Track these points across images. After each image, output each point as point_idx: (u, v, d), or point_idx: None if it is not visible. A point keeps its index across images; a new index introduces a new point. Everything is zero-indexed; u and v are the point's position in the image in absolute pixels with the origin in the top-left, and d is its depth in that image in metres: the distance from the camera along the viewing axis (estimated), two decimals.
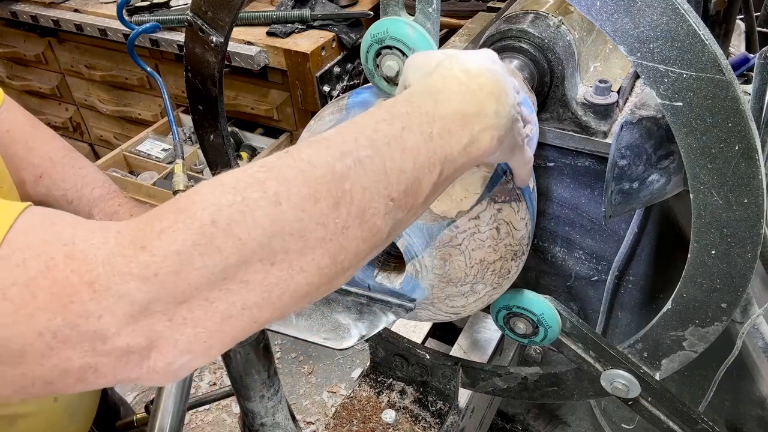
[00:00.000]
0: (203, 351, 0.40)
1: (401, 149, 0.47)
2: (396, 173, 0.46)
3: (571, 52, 0.97)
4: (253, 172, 0.42)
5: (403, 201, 0.47)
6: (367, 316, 0.73)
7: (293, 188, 0.41)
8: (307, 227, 0.41)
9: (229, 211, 0.39)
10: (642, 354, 0.78)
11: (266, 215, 0.40)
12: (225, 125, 0.98)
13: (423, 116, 0.49)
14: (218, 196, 0.40)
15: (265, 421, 0.82)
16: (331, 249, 0.43)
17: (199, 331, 0.39)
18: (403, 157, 0.46)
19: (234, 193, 0.40)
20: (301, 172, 0.42)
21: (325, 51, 2.02)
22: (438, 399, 1.08)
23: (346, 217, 0.43)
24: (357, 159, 0.44)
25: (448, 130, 0.49)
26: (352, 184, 0.44)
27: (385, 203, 0.45)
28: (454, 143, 0.50)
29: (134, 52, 1.25)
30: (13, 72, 2.89)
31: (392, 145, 0.46)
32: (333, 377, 2.19)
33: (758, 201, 0.59)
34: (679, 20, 0.55)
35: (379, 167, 0.45)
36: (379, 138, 0.46)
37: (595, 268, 1.18)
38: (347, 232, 0.43)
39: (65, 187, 0.84)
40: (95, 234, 0.38)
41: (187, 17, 0.86)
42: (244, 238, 0.39)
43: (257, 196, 0.40)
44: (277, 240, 0.40)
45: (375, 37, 0.67)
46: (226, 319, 0.39)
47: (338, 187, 0.43)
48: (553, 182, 1.11)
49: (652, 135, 0.76)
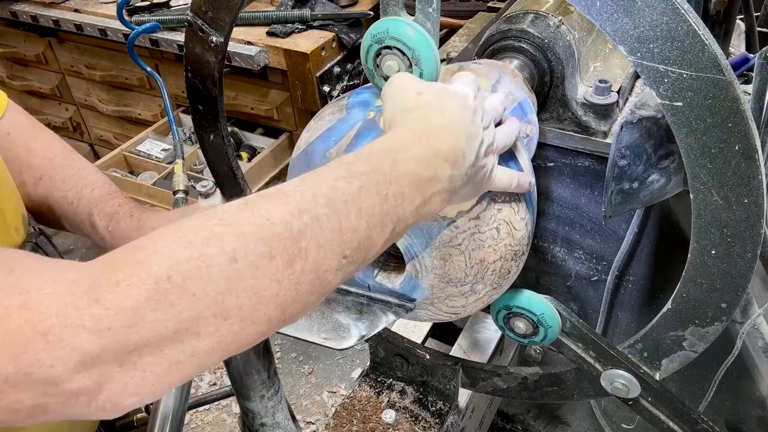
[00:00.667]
0: (151, 392, 0.41)
1: (357, 209, 0.48)
2: (350, 232, 0.48)
3: (571, 52, 0.97)
4: (212, 225, 0.43)
5: (355, 257, 0.49)
6: (367, 316, 0.73)
7: (250, 245, 0.42)
8: (262, 284, 0.42)
9: (185, 267, 0.40)
10: (642, 354, 0.78)
11: (222, 272, 0.41)
12: (225, 125, 0.98)
13: (380, 177, 0.51)
14: (175, 250, 0.40)
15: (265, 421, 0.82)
16: (283, 303, 0.44)
17: (148, 375, 0.40)
18: (358, 217, 0.48)
19: (191, 248, 0.41)
20: (259, 228, 0.43)
21: (325, 51, 2.02)
22: (438, 399, 1.08)
23: (300, 274, 0.44)
24: (314, 216, 0.46)
25: (402, 193, 0.51)
26: (308, 241, 0.45)
27: (338, 260, 0.47)
28: (407, 205, 0.52)
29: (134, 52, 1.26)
30: (13, 72, 2.89)
31: (349, 205, 0.48)
32: (333, 377, 2.19)
33: (758, 201, 0.59)
34: (679, 20, 0.55)
35: (335, 226, 0.47)
36: (337, 197, 0.48)
37: (595, 268, 1.18)
38: (300, 287, 0.45)
39: (65, 188, 0.84)
40: (51, 283, 0.39)
41: (187, 17, 0.86)
42: (198, 295, 0.40)
43: (214, 252, 0.41)
44: (231, 297, 0.41)
45: (375, 37, 0.67)
46: (175, 364, 0.40)
47: (294, 245, 0.44)
48: (553, 182, 1.11)
49: (652, 135, 0.76)
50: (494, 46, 1.00)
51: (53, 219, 0.86)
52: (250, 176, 2.14)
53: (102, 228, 0.81)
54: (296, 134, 2.30)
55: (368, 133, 0.68)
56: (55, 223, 0.87)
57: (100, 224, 0.81)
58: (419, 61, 0.65)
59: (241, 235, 0.43)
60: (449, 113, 0.59)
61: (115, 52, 2.48)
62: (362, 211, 0.49)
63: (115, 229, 0.80)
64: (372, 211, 0.49)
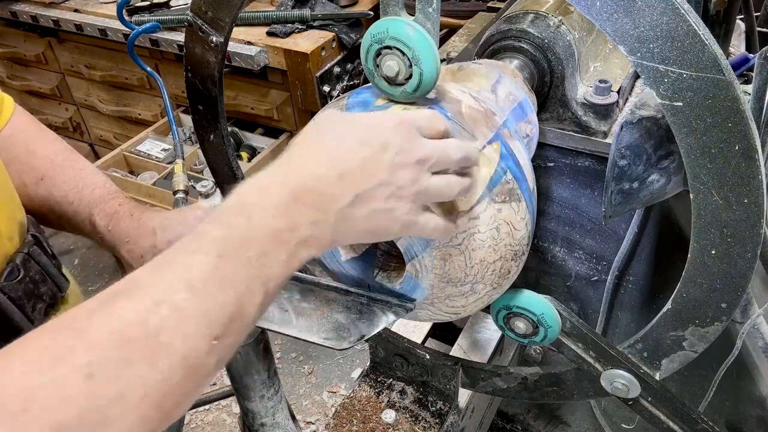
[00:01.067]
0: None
1: (220, 282, 0.45)
2: (217, 309, 0.44)
3: (571, 52, 0.97)
4: (65, 338, 0.40)
5: (229, 331, 0.45)
6: (367, 316, 0.73)
7: (105, 354, 0.40)
8: (125, 392, 0.40)
9: (40, 395, 0.37)
10: (642, 354, 0.78)
11: (80, 392, 0.38)
12: (225, 125, 0.98)
13: (237, 239, 0.47)
14: (29, 375, 0.38)
15: (265, 421, 0.82)
16: (156, 400, 0.41)
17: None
18: (222, 290, 0.45)
19: (44, 372, 0.38)
20: (112, 334, 0.41)
21: (325, 51, 2.02)
22: (438, 399, 1.08)
23: (167, 370, 0.42)
24: (173, 306, 0.42)
25: (264, 251, 0.48)
26: (171, 335, 0.42)
27: (208, 343, 0.44)
28: (273, 263, 0.48)
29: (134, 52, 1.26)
30: (13, 72, 2.89)
31: (210, 281, 0.44)
32: (333, 377, 2.19)
33: (758, 201, 0.59)
34: (679, 20, 0.55)
35: (198, 309, 0.43)
36: (195, 275, 0.44)
37: (595, 268, 1.18)
38: (171, 381, 0.42)
39: (66, 188, 0.84)
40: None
41: (187, 17, 0.86)
42: (59, 419, 0.37)
43: (67, 371, 0.38)
44: (92, 414, 0.39)
45: (375, 37, 0.67)
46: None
47: (154, 343, 0.41)
48: (553, 182, 1.11)
49: (652, 135, 0.76)
50: (494, 46, 1.00)
51: (53, 219, 0.86)
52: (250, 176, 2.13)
53: (102, 227, 0.81)
54: (296, 134, 2.30)
55: None
56: (55, 224, 0.87)
57: (101, 224, 0.81)
58: (419, 61, 0.66)
59: (94, 346, 0.40)
60: (328, 146, 0.55)
61: (115, 52, 2.48)
62: (226, 282, 0.45)
63: (115, 228, 0.81)
64: (236, 279, 0.45)
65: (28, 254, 0.74)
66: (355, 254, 0.79)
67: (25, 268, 0.72)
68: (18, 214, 0.77)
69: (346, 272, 0.79)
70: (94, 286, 2.63)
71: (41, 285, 0.75)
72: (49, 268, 0.77)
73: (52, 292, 0.77)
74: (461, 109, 0.71)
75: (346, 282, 0.79)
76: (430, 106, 0.70)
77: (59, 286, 0.79)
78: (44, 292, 0.75)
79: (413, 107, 0.69)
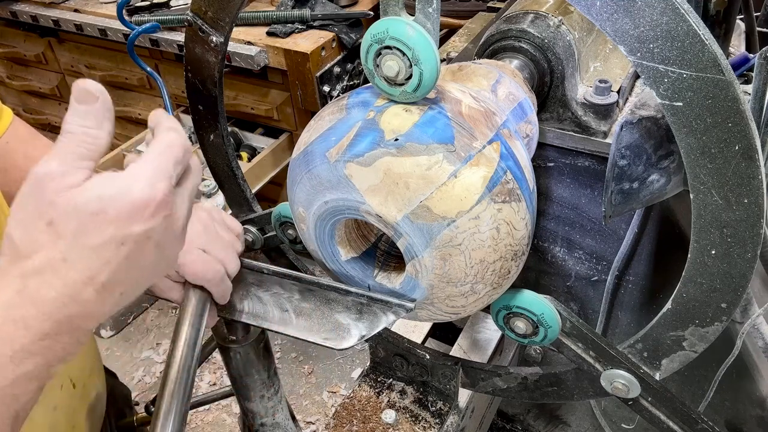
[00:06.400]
0: None
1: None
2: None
3: (571, 52, 0.97)
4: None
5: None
6: (367, 316, 0.73)
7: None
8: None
9: None
10: (642, 354, 0.78)
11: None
12: (225, 125, 0.98)
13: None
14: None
15: (265, 421, 0.82)
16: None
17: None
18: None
19: None
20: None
21: (325, 51, 2.02)
22: (438, 399, 1.08)
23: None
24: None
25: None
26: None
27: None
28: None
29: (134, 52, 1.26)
30: (13, 72, 2.89)
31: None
32: (333, 377, 2.19)
33: (758, 201, 0.59)
34: (679, 20, 0.55)
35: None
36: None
37: (595, 268, 1.18)
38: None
39: None
40: None
41: (187, 17, 0.86)
42: None
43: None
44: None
45: (375, 37, 0.67)
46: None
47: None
48: (553, 182, 1.11)
49: (652, 135, 0.76)
50: (494, 46, 1.00)
51: None
52: (250, 176, 2.14)
53: None
54: (296, 134, 2.30)
55: (368, 133, 0.69)
56: None
57: None
58: (419, 61, 0.66)
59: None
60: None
61: (115, 52, 2.48)
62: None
63: None
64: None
65: None
66: (355, 254, 0.79)
67: None
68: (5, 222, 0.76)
69: (346, 272, 0.79)
70: None
71: None
72: None
73: None
74: (461, 109, 0.71)
75: (346, 282, 0.79)
76: (430, 105, 0.70)
77: None
78: None
79: None
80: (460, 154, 0.67)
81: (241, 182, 1.04)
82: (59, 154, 0.43)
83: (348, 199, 0.70)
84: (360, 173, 0.68)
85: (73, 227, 0.42)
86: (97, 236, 0.43)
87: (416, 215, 0.67)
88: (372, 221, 0.70)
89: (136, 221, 0.44)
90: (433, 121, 0.68)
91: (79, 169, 0.43)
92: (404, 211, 0.67)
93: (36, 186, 0.43)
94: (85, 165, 0.44)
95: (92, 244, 0.43)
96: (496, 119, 0.74)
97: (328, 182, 0.71)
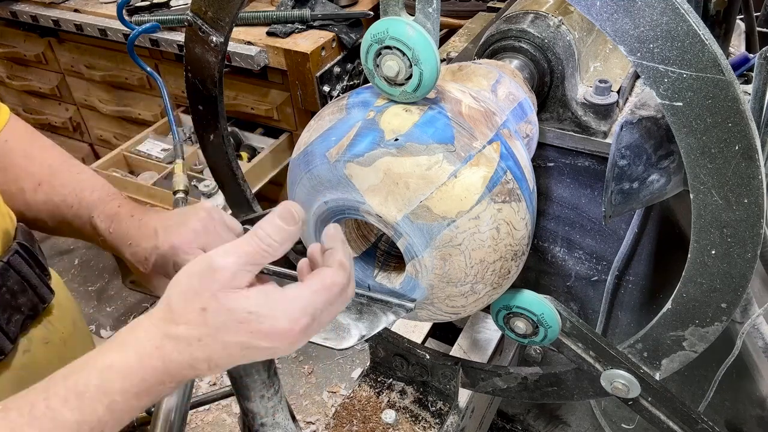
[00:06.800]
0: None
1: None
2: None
3: (571, 52, 0.98)
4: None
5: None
6: (367, 316, 0.73)
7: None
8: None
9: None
10: (642, 354, 0.78)
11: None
12: (225, 125, 0.98)
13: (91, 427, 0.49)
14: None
15: (265, 421, 0.82)
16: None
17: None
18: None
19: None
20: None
21: (325, 51, 2.02)
22: (438, 399, 1.08)
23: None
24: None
25: None
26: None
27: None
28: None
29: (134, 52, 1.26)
30: (13, 72, 2.89)
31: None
32: (333, 377, 2.19)
33: (758, 201, 0.59)
34: (679, 20, 0.55)
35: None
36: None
37: (595, 268, 1.19)
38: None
39: (65, 192, 0.84)
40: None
41: (187, 17, 0.86)
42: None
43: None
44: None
45: (375, 37, 0.67)
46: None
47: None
48: (553, 182, 1.11)
49: (652, 135, 0.76)
50: (494, 46, 1.00)
51: (54, 225, 0.85)
52: (250, 176, 2.14)
53: (103, 230, 0.81)
54: (296, 134, 2.30)
55: (368, 133, 0.69)
56: (55, 230, 0.86)
57: (101, 226, 0.81)
58: (419, 61, 0.66)
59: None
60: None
61: (115, 52, 2.48)
62: None
63: (117, 230, 0.80)
64: None
65: (8, 264, 0.73)
66: (355, 254, 0.79)
67: (2, 278, 0.71)
68: (2, 222, 0.76)
69: None
70: (94, 285, 2.63)
71: (20, 296, 0.74)
72: (31, 278, 0.76)
73: (33, 303, 0.76)
74: (461, 109, 0.71)
75: None
76: (430, 105, 0.70)
77: (41, 297, 0.78)
78: (23, 303, 0.74)
79: None
80: (460, 154, 0.67)
81: (241, 182, 1.04)
82: (239, 253, 0.51)
83: (348, 199, 0.70)
84: (360, 173, 0.68)
85: (219, 323, 0.51)
86: (233, 337, 0.51)
87: (416, 215, 0.67)
88: (372, 221, 0.70)
89: (267, 341, 0.52)
90: (433, 121, 0.68)
91: (247, 273, 0.52)
92: (404, 211, 0.67)
93: (208, 272, 0.51)
94: (253, 270, 0.52)
95: (225, 341, 0.51)
96: (496, 119, 0.74)
97: (328, 182, 0.71)
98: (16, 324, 0.73)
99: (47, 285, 0.80)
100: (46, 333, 0.80)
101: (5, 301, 0.72)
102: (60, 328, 0.82)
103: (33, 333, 0.78)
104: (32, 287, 0.76)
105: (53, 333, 0.81)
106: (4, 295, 0.72)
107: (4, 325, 0.71)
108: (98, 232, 0.82)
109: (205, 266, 0.52)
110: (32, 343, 0.77)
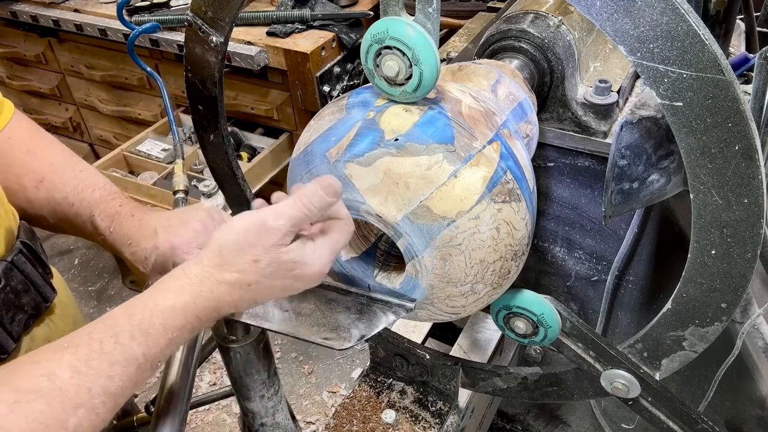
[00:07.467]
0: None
1: (133, 382, 0.58)
2: (122, 398, 0.57)
3: (571, 52, 0.98)
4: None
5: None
6: (367, 316, 0.73)
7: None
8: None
9: None
10: (642, 354, 0.78)
11: None
12: (225, 125, 0.98)
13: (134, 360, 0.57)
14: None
15: (265, 421, 0.82)
16: None
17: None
18: (127, 382, 0.57)
19: None
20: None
21: (325, 51, 2.02)
22: (438, 399, 1.08)
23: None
24: (90, 408, 0.54)
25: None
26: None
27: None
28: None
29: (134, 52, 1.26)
30: (13, 72, 2.89)
31: (126, 387, 0.57)
32: (333, 377, 2.19)
33: (758, 201, 0.59)
34: (679, 20, 0.55)
35: (111, 406, 0.56)
36: (113, 386, 0.56)
37: (595, 268, 1.19)
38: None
39: (66, 190, 0.84)
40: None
41: (187, 17, 0.86)
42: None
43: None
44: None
45: (375, 37, 0.67)
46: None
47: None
48: (553, 182, 1.11)
49: (652, 135, 0.77)
50: (494, 46, 1.00)
51: (54, 222, 0.85)
52: (250, 176, 2.14)
53: (104, 229, 0.81)
54: (296, 134, 2.30)
55: (368, 133, 0.69)
56: (56, 227, 0.86)
57: (102, 225, 0.81)
58: (419, 61, 0.66)
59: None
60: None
61: (115, 52, 2.48)
62: (137, 375, 0.57)
63: (117, 229, 0.80)
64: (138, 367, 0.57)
65: (12, 263, 0.73)
66: (355, 254, 0.79)
67: (6, 278, 0.71)
68: (6, 220, 0.76)
69: (346, 272, 0.79)
70: (95, 286, 2.63)
71: (23, 295, 0.74)
72: (34, 277, 0.76)
73: (36, 302, 0.76)
74: (461, 109, 0.71)
75: (346, 282, 0.79)
76: (430, 105, 0.70)
77: (44, 296, 0.78)
78: (26, 302, 0.74)
79: None
80: (460, 154, 0.67)
81: (241, 182, 1.04)
82: (288, 216, 0.61)
83: (348, 199, 0.70)
84: (360, 173, 0.68)
85: (269, 272, 0.61)
86: (278, 281, 0.63)
87: (416, 215, 0.67)
88: (372, 221, 0.70)
89: (302, 283, 0.64)
90: (433, 121, 0.68)
91: (293, 234, 0.62)
92: (404, 211, 0.67)
93: (263, 230, 0.61)
94: (296, 231, 0.62)
95: (271, 284, 0.63)
96: (496, 119, 0.74)
97: None
98: (20, 323, 0.73)
99: (49, 283, 0.80)
100: (49, 332, 0.80)
101: (9, 300, 0.72)
102: (62, 326, 0.83)
103: (36, 332, 0.78)
104: (35, 286, 0.76)
105: (55, 332, 0.81)
106: (8, 295, 0.72)
107: (7, 325, 0.71)
108: (98, 231, 0.82)
109: (260, 225, 0.61)
110: (35, 342, 0.77)
